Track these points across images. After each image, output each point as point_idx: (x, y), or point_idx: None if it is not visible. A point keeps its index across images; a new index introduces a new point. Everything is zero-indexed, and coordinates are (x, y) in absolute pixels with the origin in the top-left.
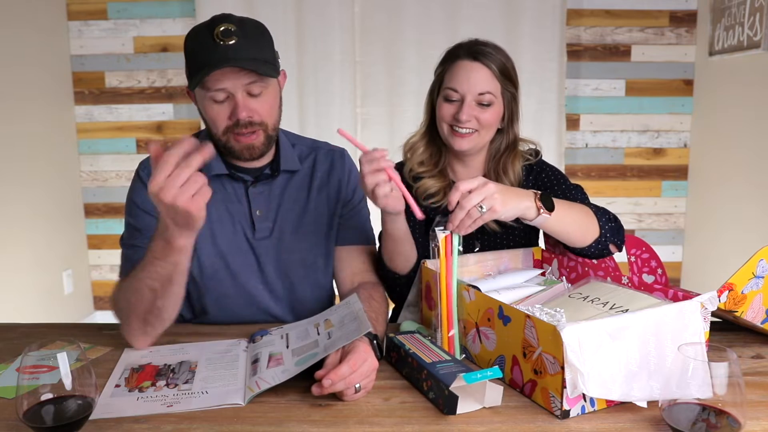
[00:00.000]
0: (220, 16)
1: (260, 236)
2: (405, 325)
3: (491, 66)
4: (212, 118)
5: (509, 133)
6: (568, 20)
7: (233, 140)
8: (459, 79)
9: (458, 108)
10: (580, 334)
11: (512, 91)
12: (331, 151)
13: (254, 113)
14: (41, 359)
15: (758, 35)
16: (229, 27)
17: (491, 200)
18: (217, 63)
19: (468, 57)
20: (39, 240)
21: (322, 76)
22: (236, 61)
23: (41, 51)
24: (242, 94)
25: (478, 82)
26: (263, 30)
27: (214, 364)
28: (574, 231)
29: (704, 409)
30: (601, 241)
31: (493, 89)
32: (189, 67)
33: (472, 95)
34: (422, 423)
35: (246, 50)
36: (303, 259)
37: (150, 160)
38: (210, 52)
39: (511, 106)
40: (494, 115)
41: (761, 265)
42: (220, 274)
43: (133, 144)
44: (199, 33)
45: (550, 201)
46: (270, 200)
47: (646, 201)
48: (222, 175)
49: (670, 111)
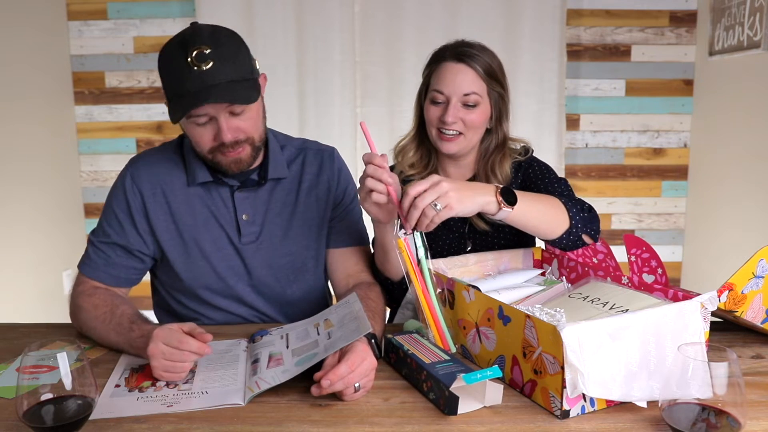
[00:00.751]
0: (190, 35)
1: (246, 241)
2: (409, 324)
3: (476, 67)
4: (196, 140)
5: (498, 132)
6: (568, 20)
7: (219, 156)
8: (444, 81)
9: (444, 110)
10: (580, 334)
11: (499, 90)
12: (320, 151)
13: (239, 132)
14: (41, 359)
15: (758, 35)
16: (203, 50)
17: (446, 198)
18: (196, 95)
19: (453, 59)
20: (39, 240)
21: (322, 76)
22: (216, 90)
23: (41, 51)
24: (225, 116)
25: (462, 83)
26: (237, 42)
27: (213, 364)
28: (540, 224)
29: (704, 409)
30: (572, 232)
31: (478, 90)
32: (166, 91)
33: (457, 97)
34: (422, 423)
35: (223, 73)
36: (292, 263)
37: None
38: (186, 81)
39: (498, 106)
40: (480, 116)
41: (761, 265)
42: (208, 278)
43: (133, 144)
44: (172, 57)
45: (513, 195)
46: (257, 205)
47: (646, 201)
48: (207, 181)
49: (670, 111)
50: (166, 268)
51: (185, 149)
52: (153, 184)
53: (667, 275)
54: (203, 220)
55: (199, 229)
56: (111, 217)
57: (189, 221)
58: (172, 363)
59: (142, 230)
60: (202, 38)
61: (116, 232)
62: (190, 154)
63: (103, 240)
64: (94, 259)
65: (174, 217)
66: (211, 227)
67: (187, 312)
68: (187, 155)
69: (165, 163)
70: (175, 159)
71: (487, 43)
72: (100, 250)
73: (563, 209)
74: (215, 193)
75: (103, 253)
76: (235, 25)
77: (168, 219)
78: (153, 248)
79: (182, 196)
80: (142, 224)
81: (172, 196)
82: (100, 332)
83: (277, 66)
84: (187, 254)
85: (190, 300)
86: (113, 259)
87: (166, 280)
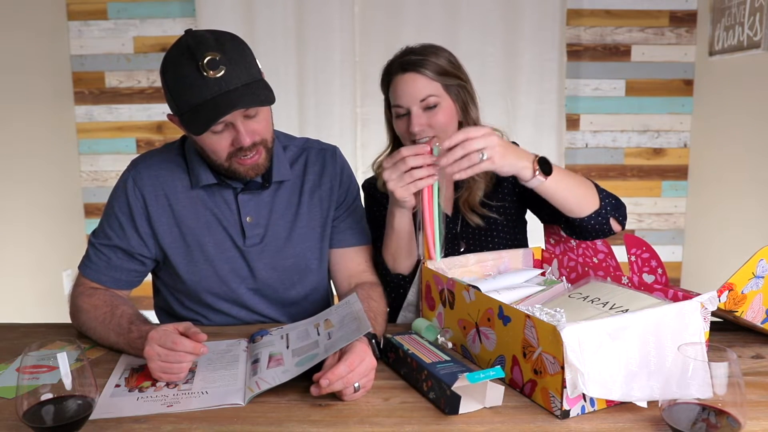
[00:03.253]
0: (195, 44)
1: (251, 243)
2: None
3: (423, 71)
4: (213, 148)
5: (469, 122)
6: (568, 20)
7: (237, 164)
8: (399, 94)
9: (409, 121)
10: (580, 334)
11: (456, 83)
12: (322, 150)
13: (255, 135)
14: (41, 359)
15: (758, 35)
16: (213, 56)
17: (492, 150)
18: (216, 103)
19: (400, 71)
20: (39, 240)
21: (322, 76)
22: (236, 96)
23: (41, 51)
24: (241, 120)
25: (415, 91)
26: (242, 45)
27: (214, 364)
28: (571, 198)
29: (704, 409)
30: (602, 213)
31: (433, 91)
32: (178, 105)
33: (416, 105)
34: (422, 423)
35: (237, 77)
36: (296, 264)
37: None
38: (202, 90)
39: (461, 97)
40: (445, 115)
41: (761, 265)
42: (210, 282)
43: (133, 144)
44: (179, 66)
45: (549, 166)
46: (260, 206)
47: (646, 201)
48: (211, 184)
49: (670, 111)
50: (168, 270)
51: (187, 151)
52: (155, 186)
53: (667, 275)
54: (206, 222)
55: (202, 232)
56: (112, 219)
57: (192, 224)
58: (168, 364)
59: (144, 233)
60: (208, 45)
61: (117, 235)
62: (192, 155)
63: (104, 242)
64: (95, 261)
65: (177, 220)
66: (215, 230)
67: (188, 313)
68: (189, 157)
69: (167, 165)
70: (178, 161)
71: (487, 43)
72: (101, 252)
73: (594, 190)
74: (218, 196)
75: (104, 256)
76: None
77: (171, 222)
78: (155, 251)
79: (185, 198)
80: (144, 227)
81: (174, 199)
82: (100, 333)
83: (277, 66)
84: (190, 257)
85: (191, 302)
86: (114, 261)
87: (168, 282)
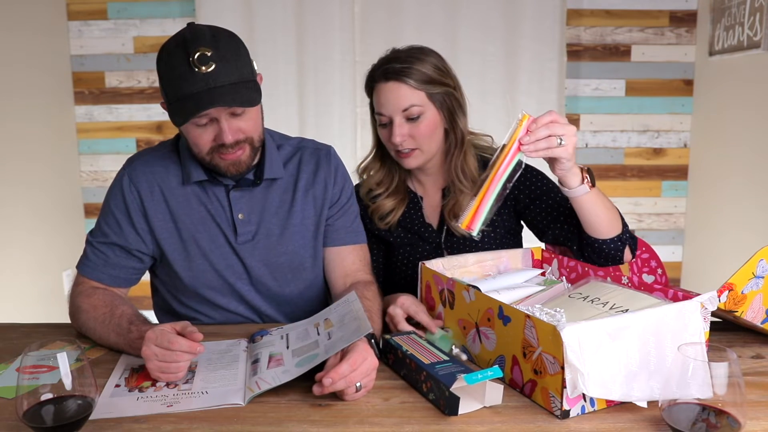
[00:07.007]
0: (191, 37)
1: (242, 240)
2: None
3: (406, 80)
4: (195, 141)
5: (456, 130)
6: (568, 20)
7: (218, 158)
8: (381, 103)
9: (391, 131)
10: (580, 334)
11: (442, 90)
12: (317, 150)
13: (239, 133)
14: (41, 359)
15: (758, 35)
16: (205, 52)
17: (569, 139)
18: (199, 98)
19: (382, 79)
20: (39, 240)
21: (322, 76)
22: (220, 93)
23: (41, 51)
24: (226, 117)
25: (397, 100)
26: (238, 44)
27: (214, 364)
28: (602, 215)
29: (704, 409)
30: (622, 239)
31: (417, 101)
32: (166, 94)
33: (398, 114)
34: (422, 423)
35: (226, 75)
36: (290, 262)
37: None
38: (189, 83)
39: (447, 105)
40: (428, 126)
41: (761, 265)
42: (208, 276)
43: (133, 144)
44: (173, 59)
45: (593, 179)
46: (252, 204)
47: (646, 201)
48: (203, 180)
49: (670, 111)
50: (165, 267)
51: (181, 147)
52: (150, 183)
53: (667, 275)
54: (200, 218)
55: (196, 228)
56: (109, 217)
57: (187, 220)
58: (166, 364)
59: (141, 229)
60: (203, 40)
61: (114, 232)
62: (185, 152)
63: (102, 240)
64: (93, 260)
65: (172, 216)
66: (208, 225)
67: (188, 311)
68: (183, 153)
69: (162, 161)
70: (172, 157)
71: (488, 42)
72: (99, 251)
73: (619, 216)
74: (211, 192)
75: (102, 254)
76: (235, 24)
77: (167, 218)
78: (152, 247)
79: (179, 194)
80: (141, 223)
81: (169, 195)
82: (99, 333)
83: (277, 66)
84: (186, 253)
85: (190, 299)
86: (112, 259)
87: (166, 280)
